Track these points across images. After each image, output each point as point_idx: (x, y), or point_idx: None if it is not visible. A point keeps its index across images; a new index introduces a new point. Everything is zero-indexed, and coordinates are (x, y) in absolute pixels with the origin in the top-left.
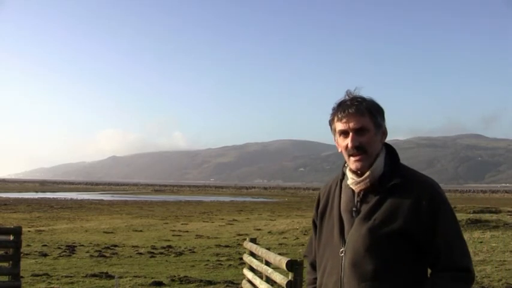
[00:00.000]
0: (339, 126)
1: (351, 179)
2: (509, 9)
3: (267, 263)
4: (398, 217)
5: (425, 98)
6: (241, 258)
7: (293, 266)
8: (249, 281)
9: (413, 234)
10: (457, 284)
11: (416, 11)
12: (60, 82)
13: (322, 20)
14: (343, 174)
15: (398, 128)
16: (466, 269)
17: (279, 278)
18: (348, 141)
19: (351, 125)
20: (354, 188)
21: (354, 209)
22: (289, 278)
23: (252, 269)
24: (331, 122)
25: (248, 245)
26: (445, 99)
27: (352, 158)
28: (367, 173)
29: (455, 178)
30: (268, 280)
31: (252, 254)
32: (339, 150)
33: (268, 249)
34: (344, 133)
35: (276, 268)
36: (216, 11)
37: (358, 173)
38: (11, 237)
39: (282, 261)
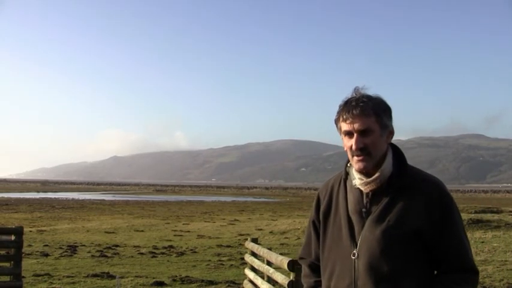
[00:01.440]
0: (344, 126)
1: (359, 179)
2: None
3: (269, 263)
4: (411, 217)
5: (428, 98)
6: (242, 258)
7: (294, 266)
8: (251, 281)
9: (425, 233)
10: (466, 285)
11: (417, 11)
12: (61, 82)
13: (322, 20)
14: (347, 174)
15: (401, 128)
16: (474, 271)
17: (281, 278)
18: (352, 142)
19: (356, 126)
20: (362, 189)
21: (364, 210)
22: (291, 278)
23: (253, 269)
24: (336, 121)
25: (249, 245)
26: (447, 100)
27: (355, 158)
28: (377, 174)
29: (456, 178)
30: (270, 280)
31: (254, 254)
32: (345, 149)
33: (270, 249)
34: (349, 134)
35: (278, 268)
36: (216, 11)
37: (364, 173)
38: (13, 237)
39: (284, 261)
